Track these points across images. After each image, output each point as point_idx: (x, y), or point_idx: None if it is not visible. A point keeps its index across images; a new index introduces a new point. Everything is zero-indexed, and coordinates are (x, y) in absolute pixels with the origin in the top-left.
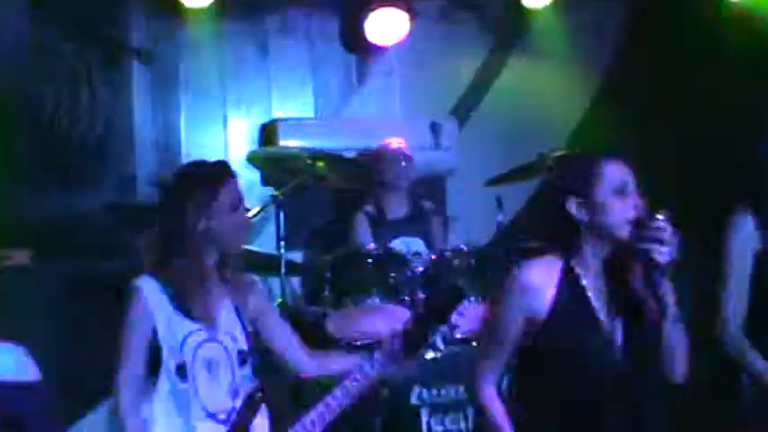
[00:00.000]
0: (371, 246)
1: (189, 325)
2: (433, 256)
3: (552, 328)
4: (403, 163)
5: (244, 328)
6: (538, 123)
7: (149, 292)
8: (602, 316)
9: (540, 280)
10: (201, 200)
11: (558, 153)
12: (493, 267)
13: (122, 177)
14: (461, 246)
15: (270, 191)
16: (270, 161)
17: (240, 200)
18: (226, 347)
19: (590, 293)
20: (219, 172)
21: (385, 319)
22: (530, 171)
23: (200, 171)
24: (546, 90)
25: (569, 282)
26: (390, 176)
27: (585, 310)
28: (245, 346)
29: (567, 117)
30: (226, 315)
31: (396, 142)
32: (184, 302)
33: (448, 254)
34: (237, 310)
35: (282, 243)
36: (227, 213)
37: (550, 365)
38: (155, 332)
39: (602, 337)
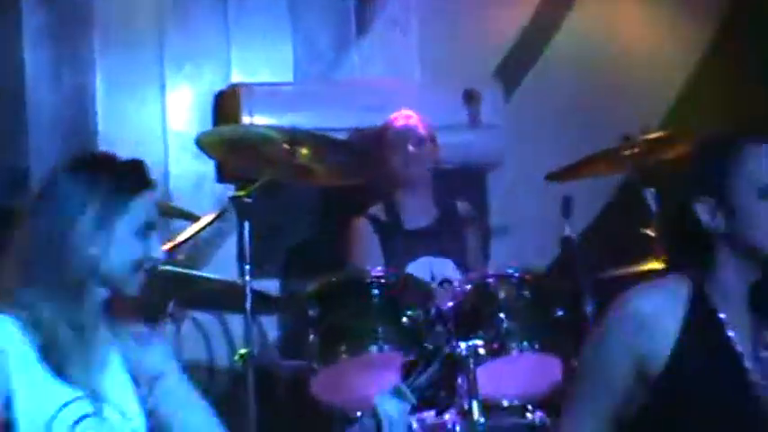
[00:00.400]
0: (378, 270)
1: (64, 392)
2: (469, 286)
3: (677, 377)
4: (413, 147)
5: (140, 398)
6: (621, 91)
7: (4, 339)
8: (748, 362)
9: (659, 311)
10: (97, 216)
11: (654, 134)
12: (556, 301)
13: (9, 170)
14: (510, 270)
15: (229, 189)
16: (228, 146)
17: (152, 224)
18: (114, 426)
19: (731, 331)
20: (130, 178)
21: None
22: (610, 161)
23: (101, 173)
24: (633, 41)
25: (701, 314)
26: (398, 167)
27: (725, 354)
28: (140, 425)
29: (666, 80)
30: (115, 379)
31: (403, 118)
32: (58, 359)
33: (491, 281)
34: (132, 374)
35: (248, 267)
36: (130, 240)
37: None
38: (8, 402)
39: (750, 391)
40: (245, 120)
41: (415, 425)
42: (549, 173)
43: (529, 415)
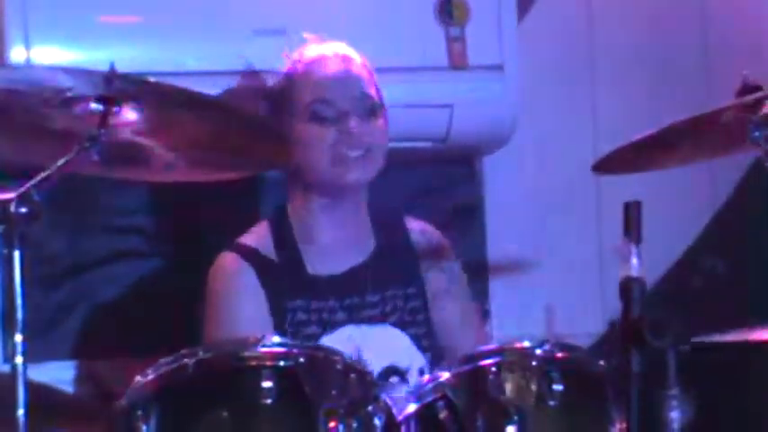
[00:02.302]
0: (271, 341)
1: None
2: (446, 375)
3: None
4: (355, 122)
5: None
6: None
7: None
8: None
9: None
10: None
11: None
12: (609, 401)
13: None
14: (527, 344)
15: None
16: None
17: None
18: None
19: None
20: None
21: None
22: (713, 136)
23: None
24: None
25: None
26: (319, 161)
27: None
28: None
29: None
30: None
31: (334, 57)
32: None
33: (488, 367)
34: None
35: (19, 341)
36: None
37: None
38: None
39: None
40: (17, 55)
41: None
42: (597, 160)
43: None
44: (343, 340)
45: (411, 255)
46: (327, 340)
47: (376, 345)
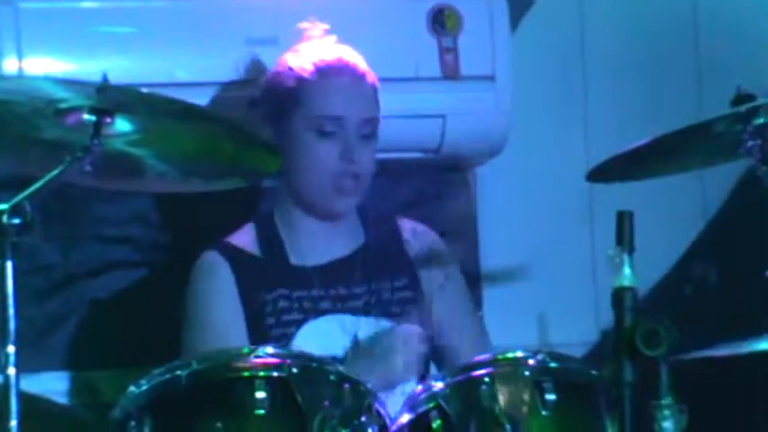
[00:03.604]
0: (266, 350)
1: None
2: (440, 384)
3: None
4: (360, 133)
5: None
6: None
7: None
8: None
9: None
10: None
11: None
12: (603, 411)
13: None
14: (519, 354)
15: None
16: None
17: None
18: None
19: None
20: None
21: None
22: (708, 145)
23: None
24: None
25: None
26: (321, 172)
27: None
28: None
29: None
30: None
31: (336, 60)
32: None
33: (481, 377)
34: None
35: (11, 351)
36: None
37: None
38: None
39: None
40: (9, 66)
41: None
42: (591, 169)
43: None
44: (324, 329)
45: (401, 249)
46: (310, 326)
47: (359, 335)
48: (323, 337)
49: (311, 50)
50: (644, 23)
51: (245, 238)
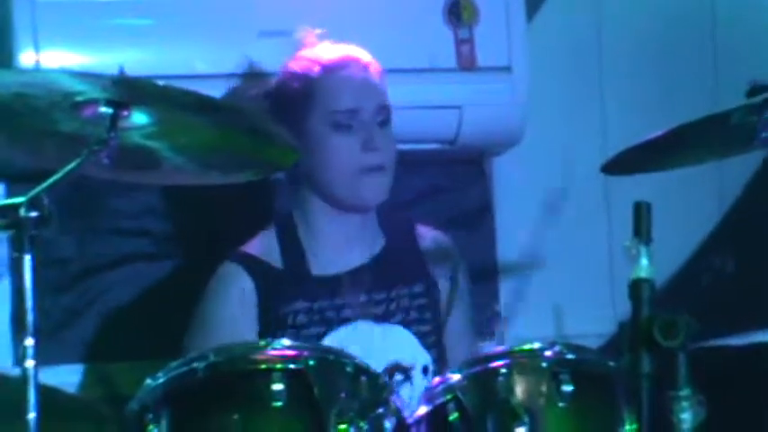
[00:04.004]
0: (281, 344)
1: None
2: (458, 377)
3: None
4: (374, 130)
5: None
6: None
7: None
8: None
9: None
10: None
11: None
12: (621, 404)
13: None
14: (537, 346)
15: None
16: None
17: None
18: None
19: None
20: None
21: None
22: (722, 137)
23: None
24: None
25: None
26: (340, 170)
27: None
28: None
29: None
30: None
31: (352, 60)
32: None
33: (499, 368)
34: None
35: (30, 343)
36: None
37: None
38: None
39: None
40: (27, 59)
41: None
42: (606, 161)
43: None
44: (347, 337)
45: (418, 255)
46: (333, 337)
47: (380, 342)
48: (347, 346)
49: (312, 53)
50: (660, 14)
51: (265, 246)
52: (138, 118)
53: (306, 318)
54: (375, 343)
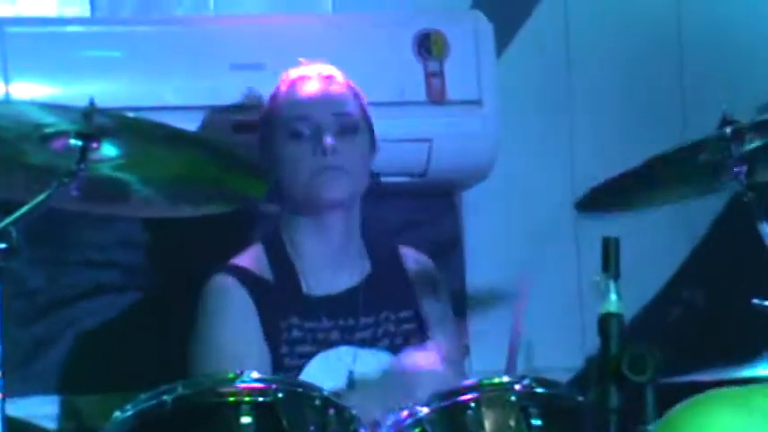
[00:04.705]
0: (253, 376)
1: None
2: (426, 410)
3: None
4: (331, 138)
5: None
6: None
7: None
8: None
9: None
10: None
11: None
12: None
13: None
14: (507, 379)
15: None
16: None
17: None
18: None
19: None
20: None
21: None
22: (695, 169)
23: None
24: None
25: None
26: (300, 180)
27: None
28: None
29: None
30: None
31: (315, 77)
32: None
33: (468, 402)
34: None
35: None
36: None
37: None
38: None
39: None
40: None
41: None
42: (578, 199)
43: None
44: (336, 360)
45: (405, 280)
46: (321, 358)
47: (366, 367)
48: (331, 370)
49: (289, 72)
50: (629, 48)
51: (255, 259)
52: (108, 150)
53: (299, 333)
54: (361, 368)
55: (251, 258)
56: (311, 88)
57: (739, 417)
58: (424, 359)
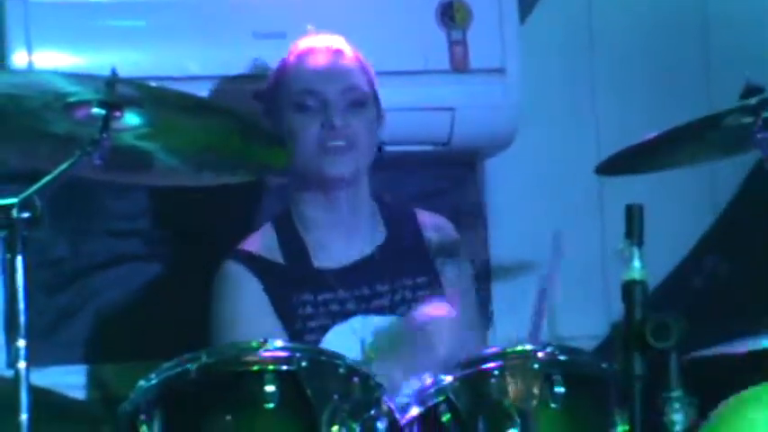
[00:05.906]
0: (275, 344)
1: None
2: (450, 378)
3: None
4: (340, 110)
5: None
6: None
7: None
8: None
9: None
10: None
11: None
12: (613, 405)
13: None
14: (529, 347)
15: None
16: None
17: None
18: None
19: None
20: None
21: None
22: (716, 137)
23: None
24: None
25: None
26: (307, 152)
27: None
28: None
29: None
30: None
31: (321, 50)
32: None
33: (492, 369)
34: None
35: (22, 345)
36: None
37: None
38: None
39: None
40: (19, 60)
41: None
42: (600, 163)
43: None
44: (351, 331)
45: (421, 245)
46: (336, 330)
47: (380, 333)
48: (345, 342)
49: (295, 44)
50: (653, 15)
51: (264, 243)
52: (131, 119)
53: (312, 309)
54: (374, 335)
55: (260, 242)
56: (320, 61)
57: None
58: (435, 309)
